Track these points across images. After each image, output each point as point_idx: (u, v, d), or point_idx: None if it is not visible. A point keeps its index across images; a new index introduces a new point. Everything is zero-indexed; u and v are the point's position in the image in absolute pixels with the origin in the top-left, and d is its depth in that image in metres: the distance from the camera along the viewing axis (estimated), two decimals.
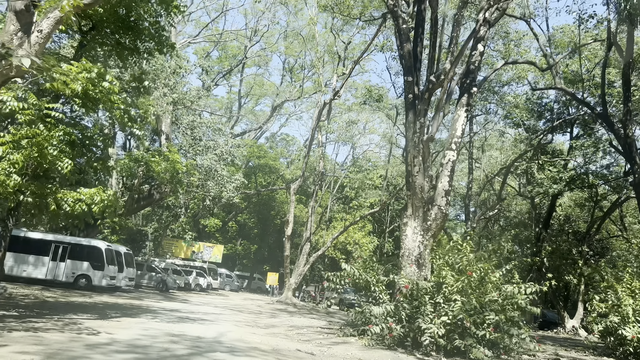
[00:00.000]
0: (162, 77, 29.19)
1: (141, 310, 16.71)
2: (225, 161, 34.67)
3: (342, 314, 28.54)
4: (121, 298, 21.63)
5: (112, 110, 11.41)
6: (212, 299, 30.12)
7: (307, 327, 16.31)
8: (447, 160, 14.02)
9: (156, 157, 28.86)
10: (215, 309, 21.54)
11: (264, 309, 25.95)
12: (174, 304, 21.88)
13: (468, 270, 12.08)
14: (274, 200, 51.57)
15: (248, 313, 21.72)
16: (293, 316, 22.27)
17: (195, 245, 44.51)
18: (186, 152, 32.30)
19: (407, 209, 14.20)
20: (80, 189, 11.30)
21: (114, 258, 25.32)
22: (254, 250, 54.54)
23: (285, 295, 30.45)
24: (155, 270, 33.36)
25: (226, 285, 47.12)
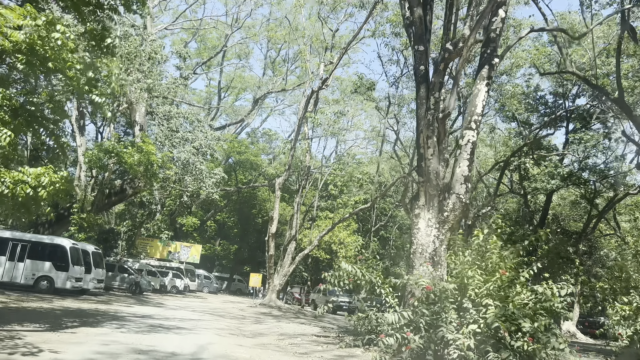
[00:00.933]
0: (136, 62, 26.61)
1: (107, 317, 14.25)
2: (204, 155, 32.18)
3: (331, 318, 26.37)
4: (87, 302, 19.04)
5: (66, 70, 9.03)
6: (189, 302, 27.62)
7: (300, 335, 14.09)
8: (466, 142, 12.00)
9: (129, 149, 26.32)
10: (193, 314, 19.15)
11: (247, 312, 23.63)
12: (146, 309, 19.39)
13: (501, 269, 10.05)
14: (255, 198, 49.13)
15: (230, 318, 19.39)
16: (280, 321, 20.01)
17: (172, 245, 41.74)
18: (162, 144, 29.71)
19: (419, 199, 12.13)
20: (23, 168, 8.89)
21: (80, 258, 22.66)
22: (233, 250, 51.99)
23: (269, 298, 28.15)
24: (127, 271, 30.68)
25: (205, 287, 44.48)
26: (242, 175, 50.71)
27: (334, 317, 27.17)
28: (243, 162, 47.94)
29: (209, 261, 54.55)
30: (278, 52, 46.99)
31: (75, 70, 9.22)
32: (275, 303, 28.00)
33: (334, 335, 14.74)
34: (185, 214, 44.33)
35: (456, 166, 11.98)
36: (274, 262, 28.56)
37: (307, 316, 25.41)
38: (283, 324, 18.62)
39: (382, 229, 49.07)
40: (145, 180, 26.83)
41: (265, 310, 25.86)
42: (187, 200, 32.64)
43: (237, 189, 44.91)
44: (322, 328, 17.74)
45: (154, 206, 34.36)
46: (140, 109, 30.52)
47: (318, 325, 19.46)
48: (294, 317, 23.93)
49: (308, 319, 23.52)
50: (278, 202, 28.52)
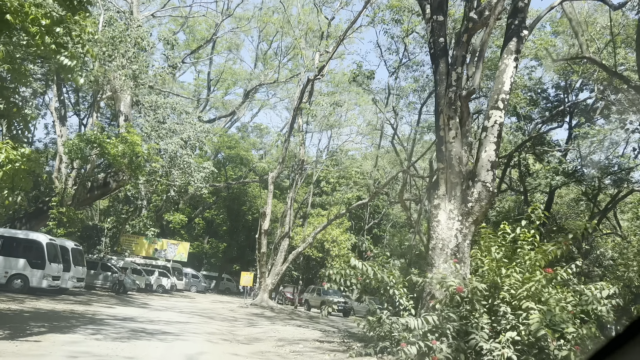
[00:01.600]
0: (121, 47, 24.83)
1: (82, 320, 12.57)
2: (193, 148, 30.45)
3: (327, 319, 24.86)
4: (63, 302, 17.30)
5: (28, 26, 7.40)
6: (176, 302, 25.93)
7: (301, 341, 12.55)
8: (492, 123, 10.55)
9: (112, 139, 24.57)
10: (180, 316, 17.51)
11: (238, 313, 22.02)
12: (129, 310, 17.71)
13: (541, 267, 8.62)
14: (245, 194, 47.41)
15: (221, 320, 17.77)
16: (275, 323, 18.45)
17: (158, 243, 39.93)
18: (148, 135, 27.93)
19: (438, 187, 10.66)
20: None
21: (58, 254, 20.87)
22: (222, 248, 50.14)
23: (260, 298, 26.55)
24: (111, 269, 28.86)
25: (192, 286, 42.70)
26: (231, 172, 48.97)
27: (330, 319, 25.66)
28: (233, 158, 46.19)
29: (196, 259, 52.71)
30: (270, 45, 45.38)
31: (40, 27, 7.57)
32: (268, 303, 26.42)
33: (338, 340, 13.23)
34: (172, 210, 42.50)
35: (481, 150, 10.54)
36: (265, 261, 26.96)
37: (301, 317, 23.88)
38: (279, 326, 17.06)
39: (375, 227, 47.70)
40: (130, 172, 25.08)
41: (258, 311, 24.26)
42: (175, 196, 30.89)
43: (226, 185, 43.18)
44: (321, 332, 16.22)
45: (139, 202, 32.52)
46: (125, 98, 28.71)
47: (316, 328, 17.93)
48: (288, 318, 22.38)
49: (304, 320, 21.99)
50: (271, 198, 26.94)
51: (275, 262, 27.90)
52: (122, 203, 45.61)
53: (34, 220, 26.71)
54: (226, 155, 45.65)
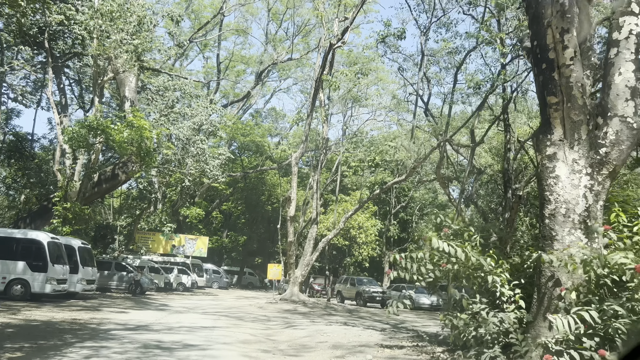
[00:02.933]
0: (120, 22, 21.94)
1: (82, 333, 9.76)
2: (207, 134, 27.57)
3: (365, 312, 21.93)
4: (68, 310, 14.57)
5: None
6: (198, 301, 23.22)
7: (362, 347, 9.62)
8: (625, 34, 7.42)
9: (117, 125, 21.76)
10: (204, 319, 14.69)
11: (269, 311, 19.18)
12: (145, 314, 14.93)
13: None
14: (263, 183, 44.53)
15: (252, 321, 14.93)
16: (314, 321, 15.56)
17: (176, 239, 37.29)
18: (157, 121, 25.07)
19: (551, 130, 7.57)
20: None
21: (62, 255, 18.18)
22: (242, 241, 47.53)
23: (290, 291, 23.70)
24: (126, 269, 26.19)
25: (214, 282, 40.10)
26: (247, 161, 46.16)
27: (370, 312, 22.74)
28: (248, 146, 43.28)
29: (216, 254, 50.19)
30: (279, 25, 42.28)
31: None
32: (299, 297, 23.57)
33: (409, 344, 10.27)
34: (188, 203, 39.79)
35: (612, 74, 7.41)
36: (293, 251, 24.08)
37: (340, 311, 20.98)
38: (322, 325, 14.14)
39: (401, 211, 44.60)
40: (139, 161, 22.29)
41: (289, 307, 21.42)
42: (189, 186, 28.08)
43: (243, 174, 40.36)
44: (379, 332, 13.28)
45: (153, 195, 29.79)
46: (129, 82, 25.89)
47: (367, 325, 15.00)
48: (325, 313, 19.50)
49: (344, 315, 19.08)
50: (296, 180, 23.97)
51: (304, 252, 25.00)
52: (136, 200, 43.21)
53: (38, 219, 24.13)
54: (241, 143, 42.73)
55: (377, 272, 43.75)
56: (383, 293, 25.22)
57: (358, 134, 39.80)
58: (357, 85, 24.95)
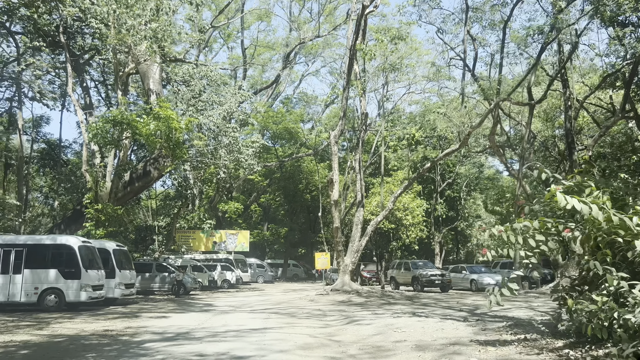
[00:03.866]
0: (137, 8, 20.28)
1: (110, 349, 8.01)
2: (237, 121, 25.77)
3: (426, 297, 19.71)
4: (103, 319, 13.02)
5: None
6: (245, 298, 21.56)
7: (453, 345, 7.47)
8: None
9: (143, 118, 20.18)
10: (253, 319, 12.85)
11: (322, 304, 17.25)
12: (187, 318, 13.23)
13: None
14: (299, 171, 42.62)
15: (307, 317, 13.01)
16: (377, 313, 13.50)
17: (216, 235, 35.96)
18: (184, 111, 23.42)
19: None
20: None
21: (96, 259, 16.77)
22: (283, 233, 45.84)
23: (341, 281, 21.70)
24: (167, 269, 24.80)
25: (259, 277, 38.66)
26: (281, 151, 44.37)
27: (429, 296, 20.50)
28: (281, 134, 41.39)
29: (258, 248, 48.80)
30: (302, 5, 40.02)
31: None
32: (351, 286, 21.56)
33: (513, 336, 8.03)
34: (225, 197, 38.37)
35: None
36: (340, 237, 22.03)
37: (399, 299, 18.83)
38: (388, 318, 12.06)
39: (447, 189, 41.88)
40: (169, 153, 20.67)
41: (342, 298, 19.43)
42: (225, 177, 26.36)
43: (279, 164, 38.54)
44: (462, 322, 11.09)
45: (189, 191, 28.30)
46: (152, 73, 24.35)
47: (441, 315, 12.83)
48: (385, 302, 17.41)
49: (406, 303, 16.94)
50: (337, 162, 21.82)
51: (351, 238, 22.94)
52: (174, 200, 42.14)
53: (73, 225, 22.96)
54: (273, 132, 40.88)
55: (426, 255, 41.32)
56: (442, 276, 22.89)
57: (395, 111, 37.33)
58: (395, 52, 22.50)
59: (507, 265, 26.32)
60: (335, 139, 21.38)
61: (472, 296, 20.39)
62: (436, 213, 40.20)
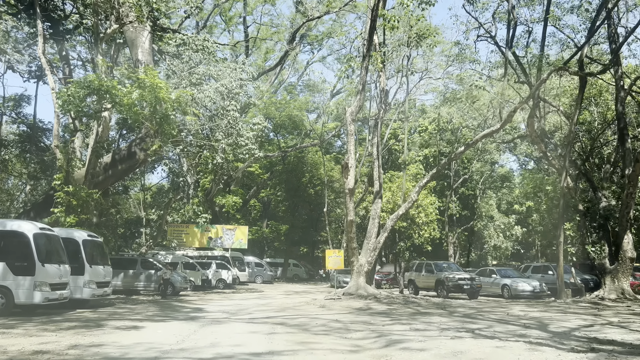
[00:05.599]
0: None
1: None
2: (237, 99, 22.31)
3: (464, 306, 16.29)
4: (54, 329, 9.59)
5: None
6: (242, 301, 18.15)
7: None
8: None
9: (127, 86, 16.74)
10: (253, 332, 9.44)
11: (336, 311, 13.84)
12: (166, 330, 9.80)
13: None
14: (303, 163, 39.20)
15: (323, 332, 9.60)
16: (418, 329, 10.09)
17: (212, 230, 32.48)
18: (177, 86, 19.97)
19: None
20: None
21: (57, 251, 13.32)
22: (284, 230, 42.36)
23: (355, 284, 18.27)
24: (154, 266, 21.34)
25: (257, 276, 35.25)
26: (284, 142, 40.93)
27: (463, 304, 17.08)
28: (284, 124, 37.95)
29: (257, 246, 45.35)
30: None
31: None
32: (366, 290, 18.14)
33: None
34: (223, 189, 34.89)
35: None
36: (355, 233, 18.61)
37: (429, 307, 15.40)
38: (444, 339, 8.65)
39: (460, 187, 38.50)
40: (157, 129, 17.24)
41: (360, 304, 16.00)
42: (221, 163, 22.93)
43: (282, 153, 35.07)
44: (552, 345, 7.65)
45: (181, 179, 24.87)
46: (141, 42, 20.96)
47: (495, 330, 9.40)
48: (415, 312, 14.00)
49: (443, 314, 13.52)
50: (353, 143, 18.40)
51: (367, 234, 19.52)
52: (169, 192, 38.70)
53: (44, 212, 19.43)
54: (276, 121, 37.43)
55: (437, 257, 38.00)
56: (472, 280, 19.45)
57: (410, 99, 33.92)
58: (421, 19, 19.08)
59: (540, 269, 22.93)
60: (351, 116, 17.94)
61: (512, 305, 16.99)
62: (449, 211, 36.85)
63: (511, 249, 37.22)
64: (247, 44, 36.61)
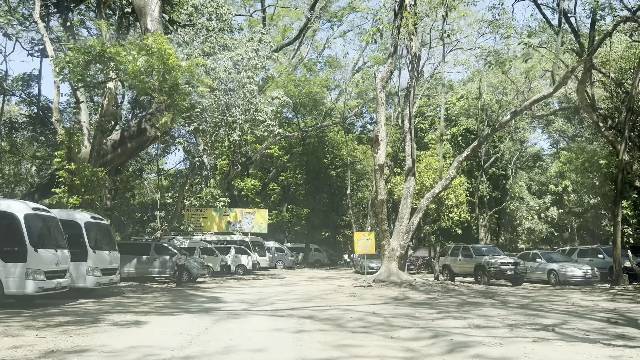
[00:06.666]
0: None
1: None
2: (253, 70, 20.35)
3: (510, 293, 14.24)
4: (38, 324, 7.94)
5: None
6: (263, 289, 16.43)
7: None
8: None
9: (133, 51, 14.93)
10: (277, 330, 7.61)
11: (370, 301, 11.97)
12: (173, 326, 8.05)
13: None
14: (324, 144, 37.22)
15: (362, 329, 7.71)
16: (479, 326, 8.13)
17: (231, 214, 30.92)
18: (188, 55, 18.10)
19: None
20: None
21: (55, 235, 11.70)
22: (304, 214, 40.59)
23: (386, 269, 16.35)
24: (168, 251, 19.76)
25: (278, 262, 33.66)
26: (303, 124, 38.91)
27: (509, 291, 15.02)
28: (303, 103, 35.85)
29: (277, 230, 43.74)
30: None
31: None
32: (399, 277, 16.21)
33: None
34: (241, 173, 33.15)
35: None
36: (385, 214, 16.64)
37: (472, 295, 13.42)
38: (525, 342, 6.66)
39: (493, 166, 36.02)
40: (167, 101, 15.45)
41: (395, 293, 14.10)
42: (239, 141, 21.11)
43: (302, 133, 33.13)
44: None
45: (197, 159, 23.17)
46: (150, 10, 19.10)
47: (576, 327, 7.38)
48: (461, 302, 12.03)
49: (495, 304, 11.53)
50: (384, 112, 16.30)
51: (399, 215, 17.50)
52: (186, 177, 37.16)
53: (49, 194, 17.93)
54: (295, 100, 35.35)
55: (466, 240, 35.84)
56: (516, 265, 17.32)
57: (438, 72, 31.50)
58: None
59: (588, 253, 20.65)
60: (382, 83, 15.84)
61: (565, 292, 14.88)
62: (479, 192, 34.51)
63: (546, 231, 34.73)
64: (264, 20, 34.51)
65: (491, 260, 17.43)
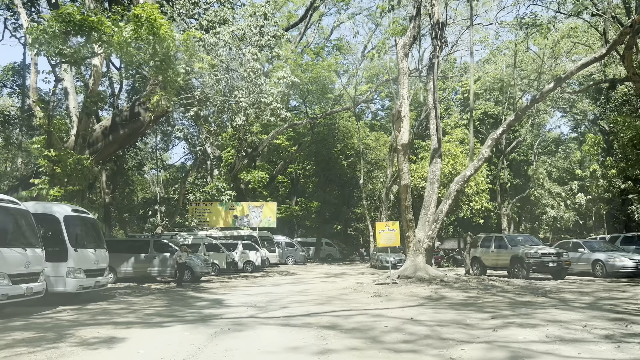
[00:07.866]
0: None
1: None
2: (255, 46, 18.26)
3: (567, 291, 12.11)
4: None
5: None
6: (273, 288, 14.43)
7: None
8: None
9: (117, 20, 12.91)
10: (292, 347, 5.55)
11: (400, 302, 9.93)
12: (162, 342, 6.03)
13: None
14: (334, 132, 35.10)
15: (407, 346, 5.61)
16: (546, 333, 6.03)
17: (237, 208, 28.98)
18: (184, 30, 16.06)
19: None
20: None
21: (22, 231, 9.76)
22: (315, 208, 38.56)
23: (412, 264, 14.28)
24: (169, 248, 17.82)
25: (288, 257, 31.74)
26: (311, 111, 36.80)
27: (557, 286, 12.88)
28: (312, 90, 33.73)
29: (286, 225, 41.81)
30: None
31: None
32: (428, 272, 14.14)
33: None
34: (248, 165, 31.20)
35: None
36: (410, 201, 14.54)
37: (516, 292, 11.29)
38: None
39: (514, 152, 33.77)
40: (155, 73, 13.42)
41: (426, 291, 12.03)
42: (243, 127, 19.07)
43: (310, 120, 31.04)
44: None
45: (198, 148, 21.18)
46: None
47: None
48: (510, 301, 9.95)
49: (552, 303, 9.43)
50: (407, 84, 14.17)
51: (425, 203, 15.40)
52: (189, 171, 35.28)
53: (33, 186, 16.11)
54: (302, 86, 33.25)
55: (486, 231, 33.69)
56: (558, 255, 15.17)
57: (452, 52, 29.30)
58: None
59: (634, 240, 18.41)
60: (404, 50, 13.70)
61: (622, 286, 12.73)
62: (500, 180, 32.28)
63: (573, 219, 32.42)
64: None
65: (530, 252, 15.28)
